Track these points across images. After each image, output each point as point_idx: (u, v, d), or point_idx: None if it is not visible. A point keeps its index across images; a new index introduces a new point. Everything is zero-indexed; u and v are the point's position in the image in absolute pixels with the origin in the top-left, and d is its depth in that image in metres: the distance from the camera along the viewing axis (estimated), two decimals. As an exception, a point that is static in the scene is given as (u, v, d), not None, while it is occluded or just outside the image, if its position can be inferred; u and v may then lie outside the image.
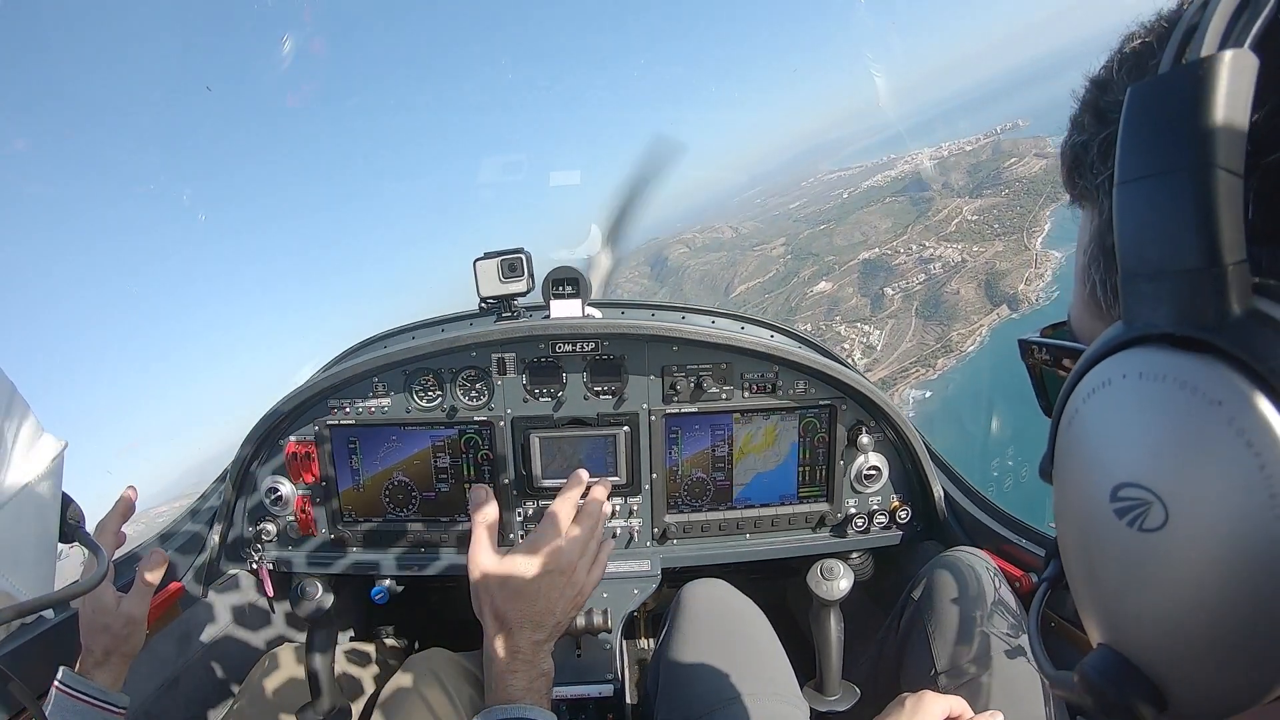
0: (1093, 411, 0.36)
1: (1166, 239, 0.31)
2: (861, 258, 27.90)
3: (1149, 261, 0.32)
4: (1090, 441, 0.36)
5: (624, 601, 1.61)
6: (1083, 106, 0.43)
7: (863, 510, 1.66)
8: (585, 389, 1.62)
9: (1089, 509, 0.36)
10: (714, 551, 1.68)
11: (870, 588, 1.79)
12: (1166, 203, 0.31)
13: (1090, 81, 0.43)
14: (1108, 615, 0.36)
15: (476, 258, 1.62)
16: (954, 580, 1.33)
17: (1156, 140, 0.32)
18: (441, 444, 1.66)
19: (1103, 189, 0.40)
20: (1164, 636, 0.33)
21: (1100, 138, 0.41)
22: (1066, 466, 0.39)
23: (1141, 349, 0.33)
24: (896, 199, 36.01)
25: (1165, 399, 0.31)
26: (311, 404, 1.63)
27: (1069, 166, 0.45)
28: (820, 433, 1.64)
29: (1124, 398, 0.34)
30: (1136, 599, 0.34)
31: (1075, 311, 0.48)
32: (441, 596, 2.40)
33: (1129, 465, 0.33)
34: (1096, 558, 0.36)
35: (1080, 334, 0.48)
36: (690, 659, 1.30)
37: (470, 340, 1.58)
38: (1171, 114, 0.31)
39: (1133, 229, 0.33)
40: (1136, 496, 0.32)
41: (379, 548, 1.69)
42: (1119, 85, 0.40)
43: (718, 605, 1.44)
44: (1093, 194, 0.42)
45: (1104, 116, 0.41)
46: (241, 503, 1.67)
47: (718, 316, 1.91)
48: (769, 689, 1.23)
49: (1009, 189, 33.24)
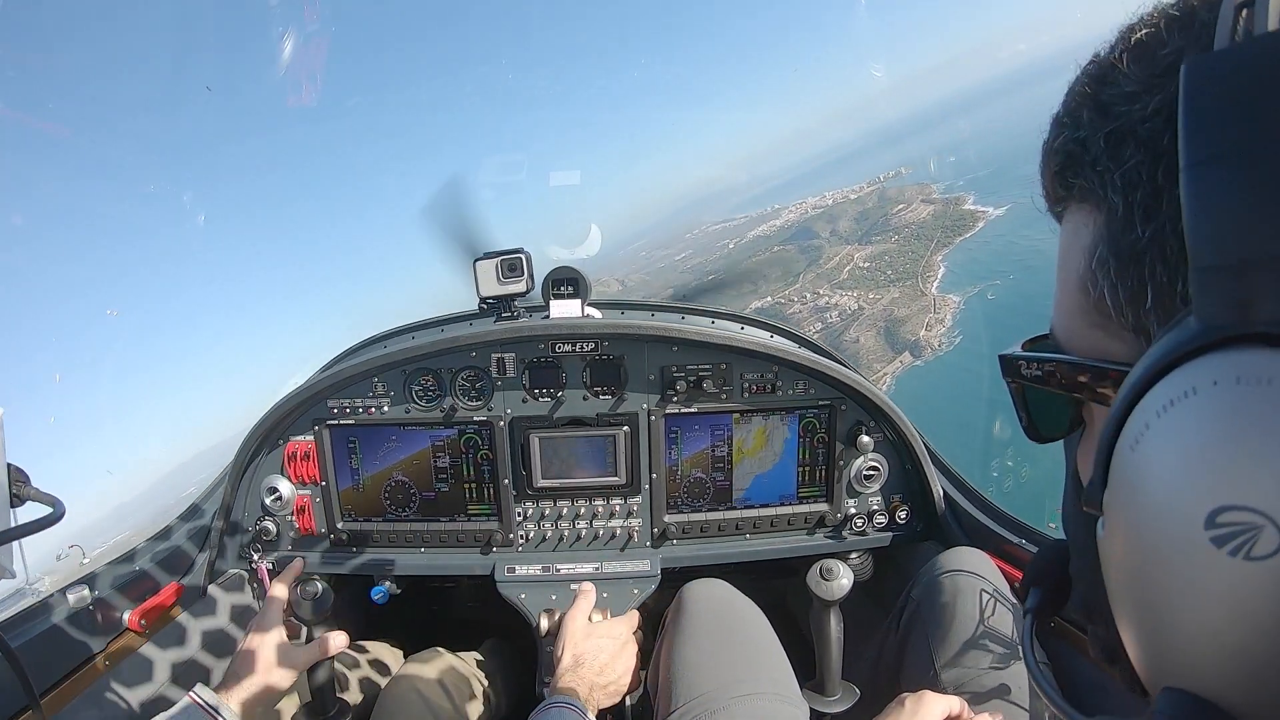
0: (1172, 427, 0.31)
1: (1257, 224, 0.28)
2: (753, 306, 28.16)
3: (1232, 251, 0.29)
4: (1171, 462, 0.31)
5: (624, 601, 1.61)
6: (1076, 103, 0.41)
7: (862, 510, 1.66)
8: (585, 389, 1.62)
9: (1172, 539, 0.31)
10: (714, 551, 1.68)
11: (870, 588, 1.78)
12: (1256, 183, 0.28)
13: (1083, 76, 0.41)
14: (1189, 655, 0.32)
15: (476, 258, 1.62)
16: (953, 580, 1.33)
17: (1237, 117, 0.29)
18: (441, 444, 1.65)
19: (1112, 185, 0.37)
20: (1266, 672, 0.29)
21: (1106, 131, 0.38)
22: (1132, 493, 0.34)
23: (1233, 351, 0.29)
24: (784, 247, 36.20)
25: (1272, 406, 0.28)
26: (311, 404, 1.63)
27: (1058, 167, 0.42)
28: (820, 433, 1.64)
29: (1216, 408, 0.29)
30: (1235, 635, 0.30)
31: (1067, 324, 0.44)
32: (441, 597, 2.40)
33: (1230, 486, 0.29)
34: (1178, 593, 0.32)
35: (1074, 348, 0.43)
36: (690, 659, 1.29)
37: (470, 340, 1.58)
38: (1254, 88, 0.28)
39: (1208, 215, 0.29)
40: (1242, 521, 0.28)
41: (378, 548, 1.69)
42: (1125, 76, 0.38)
43: (718, 605, 1.44)
44: (1097, 192, 0.39)
45: (1107, 110, 0.38)
46: (241, 502, 1.67)
47: (718, 317, 1.91)
48: (769, 688, 1.23)
49: (899, 235, 32.96)
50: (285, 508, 1.66)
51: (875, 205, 37.64)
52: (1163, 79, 0.35)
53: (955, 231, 32.07)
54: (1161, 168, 0.34)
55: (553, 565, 1.65)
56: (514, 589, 1.64)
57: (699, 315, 1.90)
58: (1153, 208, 0.35)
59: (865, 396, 1.59)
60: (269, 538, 1.67)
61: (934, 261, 29.64)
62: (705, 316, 1.90)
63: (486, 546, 1.69)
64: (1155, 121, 0.35)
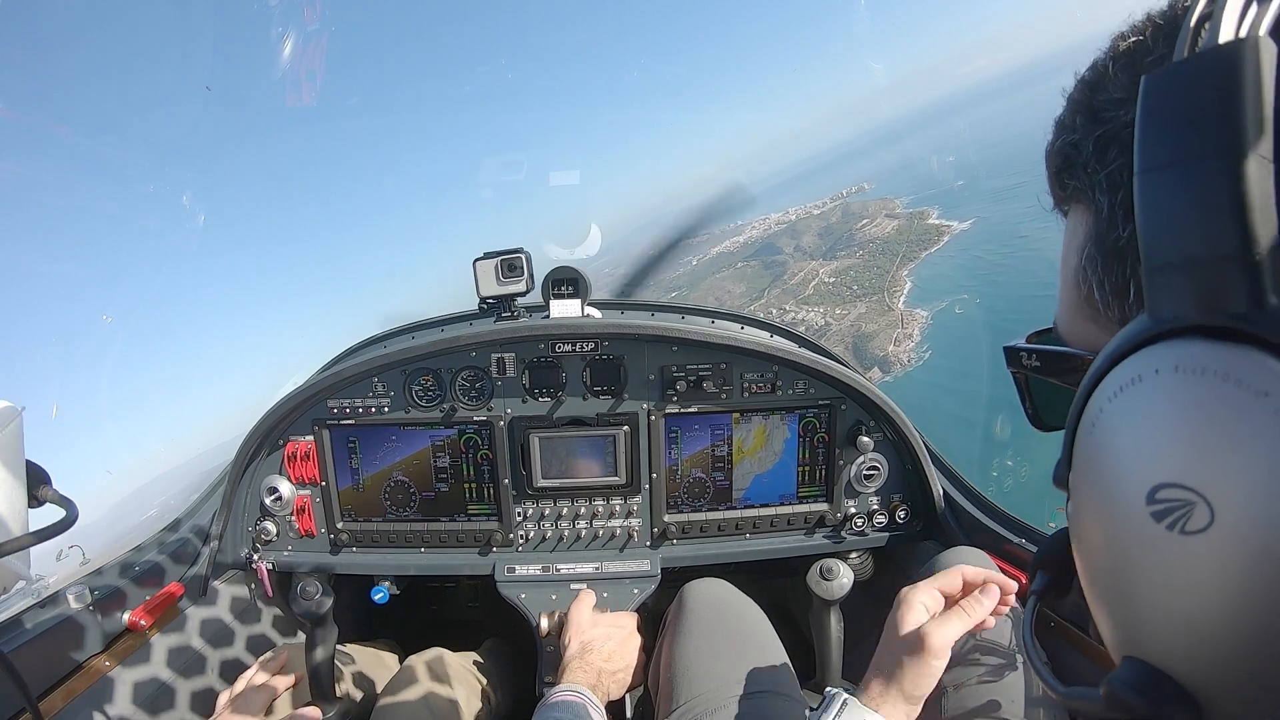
0: (1121, 411, 0.34)
1: (1196, 227, 0.30)
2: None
3: (1175, 251, 0.31)
4: (1120, 443, 0.34)
5: (624, 601, 1.61)
6: (1072, 108, 0.43)
7: (862, 510, 1.66)
8: (585, 389, 1.62)
9: (1120, 515, 0.34)
10: (714, 551, 1.68)
11: (870, 587, 1.79)
12: (1195, 189, 0.30)
13: (1080, 83, 0.43)
14: (1139, 626, 0.34)
15: (476, 258, 1.62)
16: None
17: (1182, 126, 0.31)
18: (441, 444, 1.66)
19: (1100, 186, 0.39)
20: (1206, 643, 0.31)
21: (1095, 135, 0.40)
22: (1089, 472, 0.37)
23: (1174, 342, 0.32)
24: (748, 263, 36.19)
25: (1206, 393, 0.30)
26: (311, 404, 1.63)
27: (1057, 168, 0.45)
28: (820, 433, 1.64)
29: (1157, 394, 0.32)
30: (1175, 606, 0.32)
31: (1065, 317, 0.46)
32: (441, 597, 2.40)
33: (1167, 465, 0.31)
34: (1127, 566, 0.34)
35: (1071, 340, 0.46)
36: (691, 657, 1.30)
37: (470, 340, 1.58)
38: (1198, 99, 0.30)
39: (1157, 218, 0.32)
40: (1177, 498, 0.31)
41: (378, 548, 1.69)
42: (1114, 83, 0.39)
43: (719, 604, 1.44)
44: (1087, 193, 0.41)
45: (1098, 115, 0.40)
46: (241, 502, 1.67)
47: (718, 317, 1.91)
48: (770, 687, 1.23)
49: (864, 250, 33.10)
50: (285, 508, 1.66)
51: (839, 220, 37.96)
52: None
53: (920, 246, 32.10)
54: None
55: (553, 565, 1.66)
56: (514, 589, 1.64)
57: (699, 315, 1.90)
58: (1132, 208, 0.37)
59: (865, 396, 1.59)
60: (269, 538, 1.67)
61: (900, 276, 29.80)
62: (705, 316, 1.90)
63: (486, 546, 1.69)
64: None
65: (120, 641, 1.39)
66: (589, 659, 1.34)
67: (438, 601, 2.41)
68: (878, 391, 1.59)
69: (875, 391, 1.59)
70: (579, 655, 1.34)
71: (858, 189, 43.41)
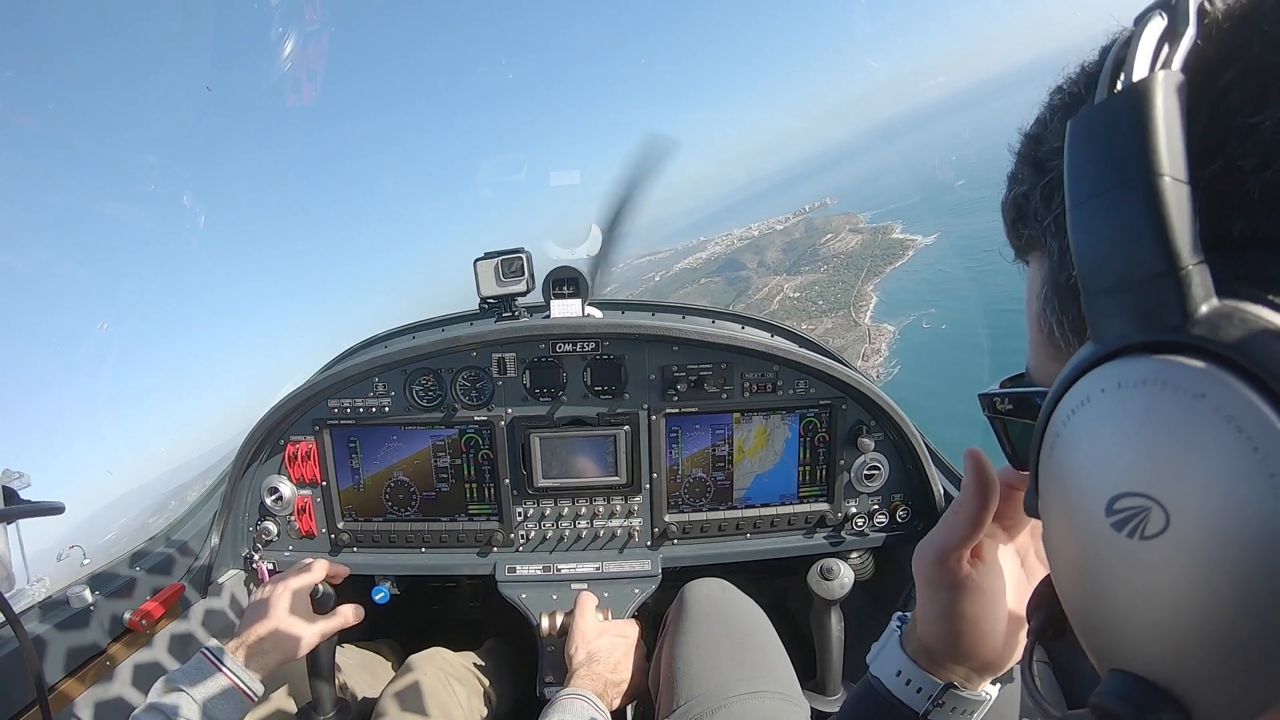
0: (1074, 431, 0.36)
1: (1125, 251, 0.32)
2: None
3: (1110, 276, 0.33)
4: (1076, 462, 0.36)
5: (625, 601, 1.61)
6: (1020, 161, 0.45)
7: (863, 510, 1.66)
8: (585, 389, 1.62)
9: (1084, 531, 0.35)
10: (714, 551, 1.68)
11: (870, 587, 1.78)
12: (1121, 216, 0.32)
13: (1025, 137, 0.45)
14: (1117, 637, 0.35)
15: (476, 258, 1.62)
16: None
17: (1103, 160, 0.33)
18: (442, 444, 1.66)
19: (1049, 231, 0.42)
20: (1180, 645, 0.32)
21: (1041, 184, 0.42)
22: (1053, 494, 0.38)
23: (1116, 361, 0.33)
24: (712, 279, 36.40)
25: (1148, 403, 0.31)
26: (312, 404, 1.63)
27: (1012, 220, 0.47)
28: (821, 432, 1.64)
29: (1105, 411, 0.34)
30: (1146, 611, 0.33)
31: (1034, 360, 0.48)
32: (442, 597, 2.40)
33: (1121, 475, 0.33)
34: (1098, 580, 0.35)
35: (1042, 380, 0.48)
36: (692, 657, 1.30)
37: (470, 340, 1.58)
38: (1115, 133, 0.32)
39: (1091, 248, 0.34)
40: (1133, 505, 0.32)
41: (379, 548, 1.69)
42: (1053, 133, 0.42)
43: (719, 604, 1.44)
44: (1040, 239, 0.43)
45: (1041, 165, 0.42)
46: (242, 502, 1.67)
47: (718, 317, 1.91)
48: (771, 687, 1.23)
49: (827, 265, 33.25)
50: (286, 508, 1.66)
51: (803, 235, 38.17)
52: None
53: (885, 260, 32.18)
54: None
55: (553, 565, 1.66)
56: (514, 589, 1.64)
57: (700, 315, 1.90)
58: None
59: (866, 396, 1.59)
60: (269, 538, 1.67)
61: (865, 291, 29.93)
62: (706, 316, 1.90)
63: (487, 546, 1.69)
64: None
65: (121, 640, 1.39)
66: (595, 669, 1.35)
67: (439, 601, 2.41)
68: (879, 391, 1.59)
69: (876, 391, 1.59)
70: (585, 664, 1.36)
71: (820, 204, 43.68)
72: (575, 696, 1.23)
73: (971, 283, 23.13)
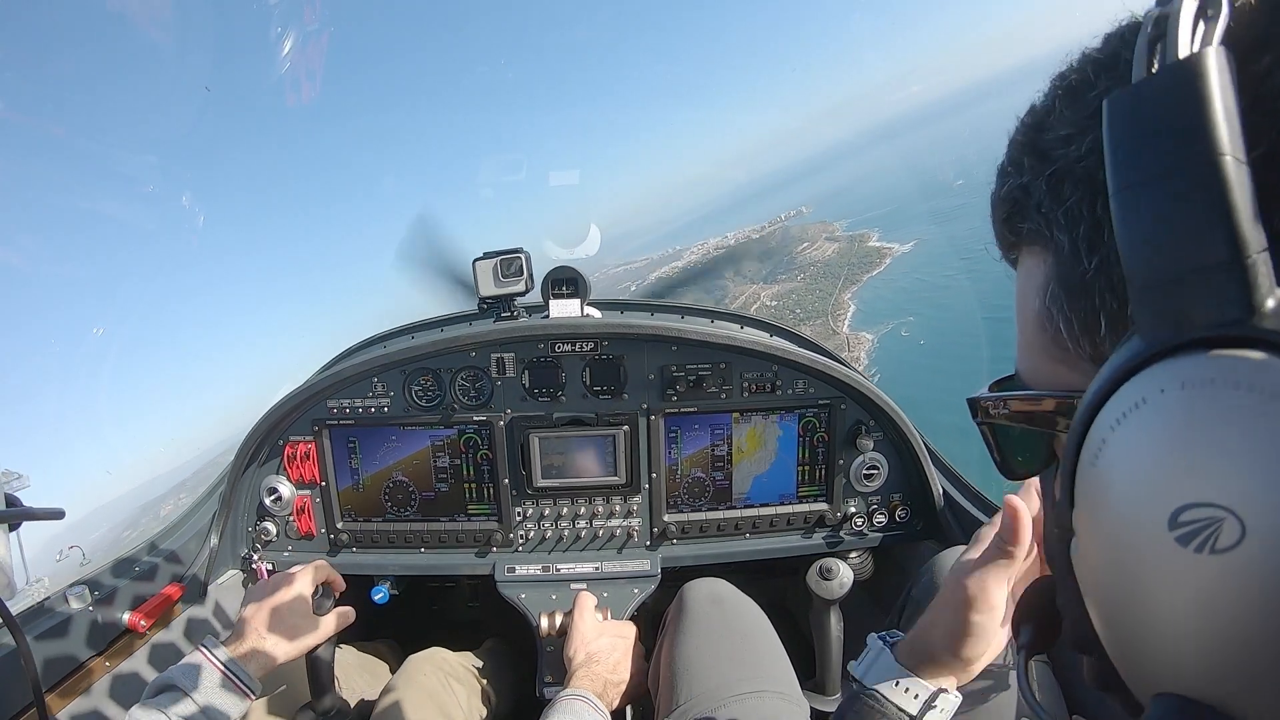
0: (1127, 438, 0.32)
1: (1182, 239, 0.29)
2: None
3: (1163, 267, 0.30)
4: (1130, 471, 0.32)
5: (624, 601, 1.61)
6: (1018, 150, 0.43)
7: (862, 510, 1.66)
8: (584, 389, 1.62)
9: (1141, 545, 0.32)
10: (714, 551, 1.68)
11: (870, 587, 1.78)
12: (1177, 201, 0.29)
13: (1024, 125, 0.43)
14: (1168, 658, 0.32)
15: (475, 258, 1.62)
16: None
17: (1154, 140, 0.30)
18: (441, 444, 1.66)
19: (1057, 224, 0.39)
20: (1249, 665, 0.29)
21: (1046, 174, 0.40)
22: (1097, 508, 0.34)
23: (1175, 359, 0.30)
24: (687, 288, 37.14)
25: (1217, 404, 0.29)
26: (311, 404, 1.63)
27: (1007, 213, 0.44)
28: (820, 432, 1.64)
29: (1166, 413, 0.30)
30: (1212, 630, 0.30)
31: (1030, 362, 0.45)
32: (441, 597, 2.40)
33: (1187, 484, 0.30)
34: (1154, 597, 0.32)
35: (1038, 384, 0.45)
36: (691, 657, 1.30)
37: (469, 340, 1.58)
38: (1167, 112, 0.30)
39: (1140, 237, 0.31)
40: (1203, 517, 0.29)
41: (379, 548, 1.69)
42: (1060, 120, 0.40)
43: (718, 604, 1.44)
44: (1043, 232, 0.41)
45: (1046, 154, 0.40)
46: (241, 503, 1.67)
47: (717, 316, 1.91)
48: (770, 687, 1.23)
49: (804, 273, 33.07)
50: (285, 508, 1.66)
51: (779, 244, 38.18)
52: (1093, 119, 0.36)
53: (863, 268, 32.08)
54: (1100, 202, 0.36)
55: (552, 565, 1.66)
56: (514, 589, 1.64)
57: (698, 315, 1.90)
58: (1095, 240, 0.37)
59: (865, 395, 1.59)
60: (269, 538, 1.67)
61: (843, 300, 29.86)
62: (705, 316, 1.90)
63: (486, 546, 1.69)
64: (1090, 160, 0.37)
65: (120, 642, 1.39)
66: (595, 669, 1.36)
67: (438, 601, 2.41)
68: (877, 391, 1.59)
69: (875, 391, 1.59)
70: (585, 665, 1.36)
71: (796, 212, 43.70)
72: (576, 698, 1.23)
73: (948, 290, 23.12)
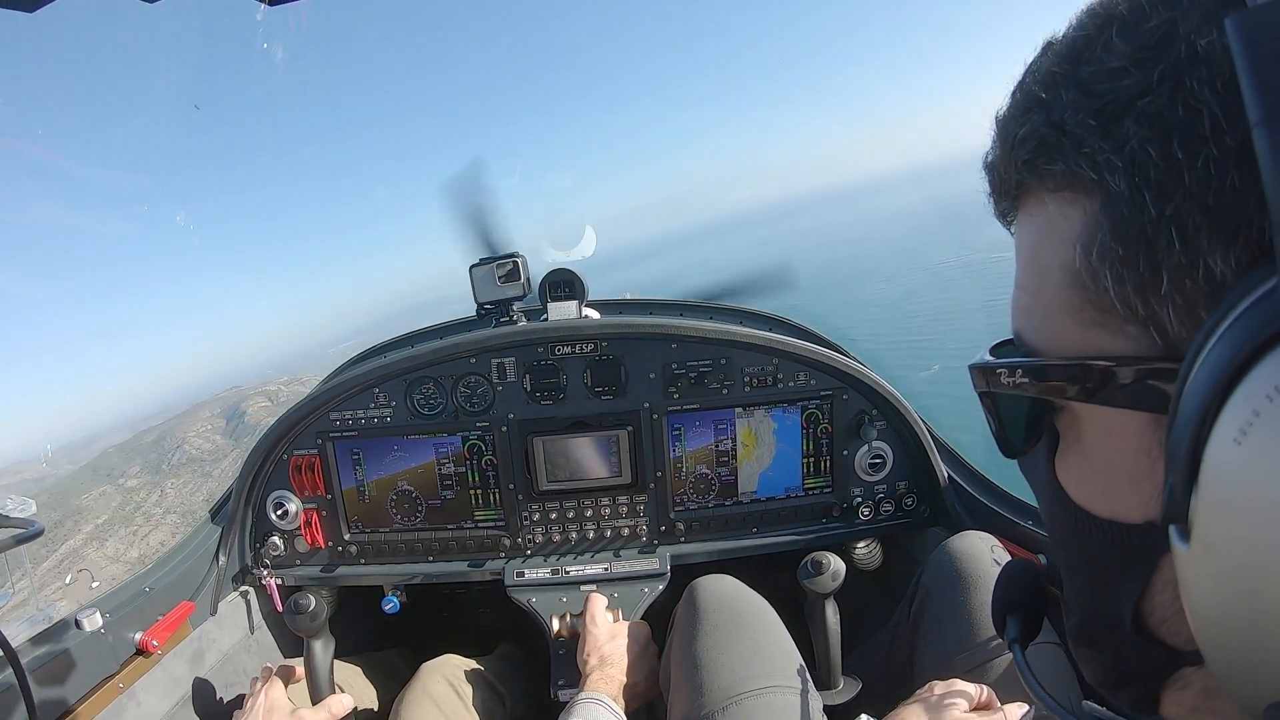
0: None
1: None
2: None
3: None
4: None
5: (634, 600, 1.61)
6: (1048, 82, 0.38)
7: (868, 499, 1.66)
8: (586, 390, 1.62)
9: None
10: (721, 546, 1.68)
11: (879, 576, 1.78)
12: None
13: (1054, 56, 0.38)
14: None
15: (472, 264, 1.62)
16: (963, 565, 1.33)
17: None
18: (445, 451, 1.65)
19: (1110, 166, 0.35)
20: None
21: (1095, 110, 0.35)
22: (1247, 494, 0.29)
23: None
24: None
25: None
26: (314, 417, 1.63)
27: (1030, 154, 0.39)
28: (823, 423, 1.64)
29: None
30: None
31: (1051, 325, 0.40)
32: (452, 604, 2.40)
33: None
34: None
35: (1059, 349, 0.39)
36: (701, 654, 1.29)
37: (469, 346, 1.58)
38: None
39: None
40: None
41: (387, 558, 1.69)
42: (1108, 52, 0.35)
43: (727, 600, 1.43)
44: (1087, 175, 0.36)
45: (1091, 89, 0.35)
46: (248, 518, 1.67)
47: (716, 312, 1.91)
48: (781, 682, 1.23)
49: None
50: (292, 522, 1.66)
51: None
52: (1156, 51, 0.33)
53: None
54: (1176, 141, 0.32)
55: (562, 567, 1.66)
56: (524, 593, 1.64)
57: (697, 311, 1.90)
58: (1168, 184, 0.32)
59: (867, 385, 1.58)
60: (277, 552, 1.67)
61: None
62: (703, 312, 1.89)
63: (494, 552, 1.69)
64: (1161, 94, 0.33)
65: (132, 662, 1.39)
66: (609, 672, 1.36)
67: (449, 609, 2.42)
68: (880, 380, 1.59)
69: (877, 380, 1.59)
70: (599, 668, 1.37)
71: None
72: (592, 700, 1.23)
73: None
